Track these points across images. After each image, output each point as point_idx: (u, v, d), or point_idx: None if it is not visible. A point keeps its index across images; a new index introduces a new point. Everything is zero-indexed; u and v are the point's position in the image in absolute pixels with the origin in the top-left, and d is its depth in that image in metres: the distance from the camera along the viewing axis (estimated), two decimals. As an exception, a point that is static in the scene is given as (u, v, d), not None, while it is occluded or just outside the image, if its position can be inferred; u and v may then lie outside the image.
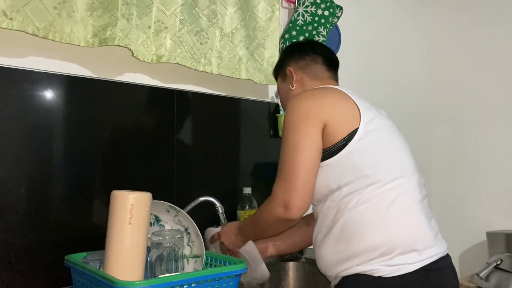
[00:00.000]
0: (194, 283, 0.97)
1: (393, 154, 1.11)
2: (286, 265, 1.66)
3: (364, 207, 1.03)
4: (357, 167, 1.05)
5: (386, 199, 1.04)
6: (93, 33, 1.28)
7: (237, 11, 1.62)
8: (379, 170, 1.06)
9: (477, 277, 1.79)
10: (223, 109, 1.69)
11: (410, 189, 1.08)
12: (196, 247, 1.17)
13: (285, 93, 1.33)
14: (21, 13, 1.14)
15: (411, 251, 1.02)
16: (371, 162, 1.06)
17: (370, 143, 1.07)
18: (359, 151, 1.06)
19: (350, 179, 1.05)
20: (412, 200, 1.07)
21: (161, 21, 1.42)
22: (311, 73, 1.29)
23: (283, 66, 1.33)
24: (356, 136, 1.06)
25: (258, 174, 1.76)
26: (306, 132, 1.07)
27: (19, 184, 1.20)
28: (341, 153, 1.06)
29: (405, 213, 1.05)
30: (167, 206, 1.15)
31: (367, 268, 1.02)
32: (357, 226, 1.03)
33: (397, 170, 1.08)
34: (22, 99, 1.21)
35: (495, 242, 2.04)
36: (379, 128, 1.11)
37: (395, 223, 1.03)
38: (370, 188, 1.04)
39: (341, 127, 1.07)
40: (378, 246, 1.01)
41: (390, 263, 1.01)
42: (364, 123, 1.08)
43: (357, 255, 1.03)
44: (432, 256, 1.04)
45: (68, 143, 1.29)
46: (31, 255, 1.21)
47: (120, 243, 0.97)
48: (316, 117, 1.08)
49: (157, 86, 1.50)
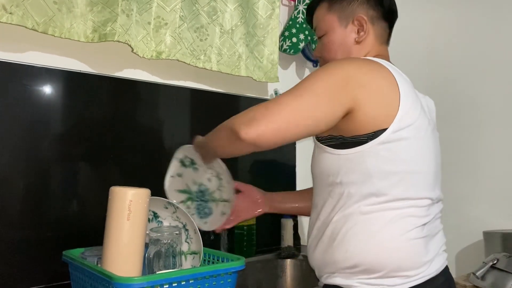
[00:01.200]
0: (191, 280, 0.97)
1: (413, 170, 0.96)
2: (283, 262, 1.67)
3: (359, 218, 0.94)
4: (367, 172, 0.93)
5: (385, 217, 0.94)
6: (92, 29, 1.27)
7: (237, 8, 1.62)
8: (388, 184, 0.93)
9: (473, 276, 1.79)
10: (222, 106, 1.69)
11: (415, 212, 0.96)
12: (194, 244, 1.17)
13: (340, 43, 1.09)
14: (21, 8, 1.14)
15: (394, 276, 0.94)
16: (383, 172, 0.93)
17: (393, 152, 0.93)
18: (377, 155, 0.92)
19: (355, 180, 0.94)
20: (413, 223, 0.95)
21: (161, 17, 1.42)
22: (378, 31, 1.09)
23: (349, 6, 1.08)
24: (380, 138, 0.91)
25: (256, 171, 1.76)
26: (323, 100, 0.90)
27: (17, 179, 1.20)
28: (358, 148, 0.93)
29: (399, 237, 0.94)
30: (165, 203, 1.15)
31: (346, 283, 0.96)
32: (347, 234, 0.95)
33: (409, 189, 0.95)
34: (20, 94, 1.21)
35: (492, 242, 2.04)
36: (411, 138, 0.94)
37: (385, 246, 0.94)
38: (371, 200, 0.94)
39: (371, 120, 0.91)
40: (360, 263, 0.94)
41: (369, 282, 0.94)
42: (395, 127, 0.92)
43: (337, 263, 0.97)
44: (417, 279, 0.95)
45: (67, 138, 1.29)
46: (28, 250, 1.21)
47: (118, 239, 0.97)
48: (349, 95, 0.90)
49: (156, 82, 1.50)
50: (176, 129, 1.54)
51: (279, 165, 1.85)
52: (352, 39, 1.08)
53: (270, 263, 1.64)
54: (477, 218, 2.34)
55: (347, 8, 1.09)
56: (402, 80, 0.96)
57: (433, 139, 1.03)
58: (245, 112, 0.95)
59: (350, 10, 1.08)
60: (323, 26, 1.11)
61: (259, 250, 1.69)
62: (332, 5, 1.10)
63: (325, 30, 1.11)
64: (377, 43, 1.10)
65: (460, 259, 2.31)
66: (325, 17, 1.11)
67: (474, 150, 2.45)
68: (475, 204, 2.40)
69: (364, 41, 1.08)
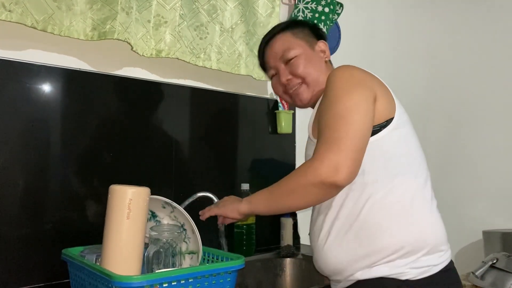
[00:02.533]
0: (191, 279, 0.97)
1: (418, 150, 1.08)
2: (283, 262, 1.67)
3: (390, 201, 0.97)
4: (387, 156, 1.00)
5: (410, 194, 0.99)
6: (92, 27, 1.27)
7: (237, 7, 1.62)
8: (407, 164, 1.02)
9: (472, 275, 1.79)
10: (222, 105, 1.68)
11: (428, 187, 1.05)
12: (192, 244, 1.17)
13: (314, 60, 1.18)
14: (20, 5, 1.14)
15: (437, 251, 0.99)
16: (401, 154, 1.02)
17: (403, 135, 1.04)
18: (392, 140, 1.02)
19: (377, 167, 0.99)
20: (430, 198, 1.04)
21: (161, 16, 1.42)
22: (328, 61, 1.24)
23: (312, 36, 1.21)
24: (391, 124, 1.02)
25: (256, 170, 1.75)
26: (362, 95, 0.98)
27: (16, 177, 1.20)
28: (375, 137, 0.99)
29: (430, 211, 1.02)
30: (163, 202, 1.15)
31: (393, 271, 0.95)
32: (384, 220, 0.96)
33: (421, 168, 1.05)
34: (20, 92, 1.21)
35: (491, 241, 2.05)
36: (408, 122, 1.08)
37: (424, 222, 0.99)
38: (396, 181, 0.99)
39: (383, 110, 1.02)
40: (406, 243, 0.95)
41: (416, 265, 0.96)
42: (398, 114, 1.04)
43: (380, 251, 0.95)
44: (449, 256, 1.04)
45: (66, 137, 1.29)
46: (28, 248, 1.20)
47: (118, 237, 0.97)
48: (371, 87, 1.01)
49: (156, 80, 1.50)
50: (175, 127, 1.53)
51: (278, 164, 1.85)
52: (322, 58, 1.21)
53: (269, 262, 1.64)
54: (476, 218, 2.34)
55: (308, 36, 1.21)
56: None
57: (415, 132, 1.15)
58: (317, 162, 0.92)
59: (311, 38, 1.21)
60: (292, 48, 1.17)
61: (258, 249, 1.69)
62: (295, 33, 1.20)
63: (296, 52, 1.17)
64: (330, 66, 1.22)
65: (460, 259, 2.31)
66: (294, 42, 1.19)
67: (473, 150, 2.45)
68: (475, 203, 2.40)
69: (327, 63, 1.22)
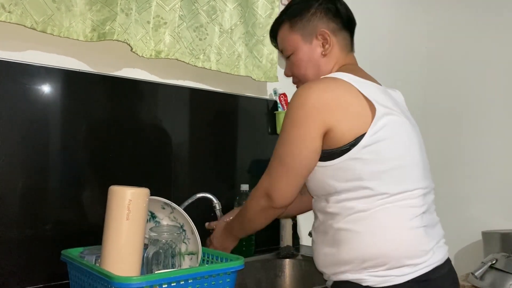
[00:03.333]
0: (190, 279, 0.97)
1: (400, 165, 1.02)
2: (282, 262, 1.67)
3: (359, 217, 0.99)
4: (358, 176, 0.99)
5: (384, 212, 0.99)
6: (92, 28, 1.27)
7: (236, 8, 1.62)
8: (380, 182, 0.99)
9: (472, 276, 1.79)
10: (221, 106, 1.69)
11: (411, 203, 1.01)
12: (191, 244, 1.17)
13: (308, 58, 1.14)
14: (20, 6, 1.14)
15: (401, 266, 0.98)
16: (373, 173, 0.99)
17: (376, 152, 0.99)
18: (363, 159, 0.98)
19: (349, 187, 1.00)
20: (412, 213, 1.00)
21: (160, 17, 1.42)
22: (341, 41, 1.14)
23: (310, 23, 1.13)
24: (361, 142, 0.98)
25: (255, 171, 1.75)
26: (305, 134, 1.00)
27: (16, 178, 1.20)
28: (343, 157, 0.99)
29: (400, 227, 0.99)
30: (162, 203, 1.15)
31: (356, 277, 1.00)
32: (350, 234, 1.00)
33: (400, 183, 1.01)
34: (19, 93, 1.21)
35: (491, 242, 2.05)
36: (390, 137, 1.01)
37: (387, 238, 0.99)
38: (368, 200, 0.99)
39: (348, 131, 0.99)
40: (368, 258, 0.98)
41: (378, 274, 0.98)
42: (372, 130, 0.98)
43: (347, 263, 1.01)
44: (424, 268, 0.99)
45: (65, 138, 1.29)
46: (27, 249, 1.20)
47: (117, 238, 0.97)
48: (321, 120, 0.99)
49: (155, 81, 1.50)
50: (175, 128, 1.53)
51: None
52: (318, 54, 1.13)
53: (269, 263, 1.64)
54: (476, 218, 2.34)
55: (308, 25, 1.13)
56: (367, 86, 1.04)
57: (413, 132, 1.09)
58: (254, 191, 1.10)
59: (311, 27, 1.13)
60: (288, 46, 1.16)
61: (258, 249, 1.68)
62: (293, 24, 1.14)
63: (291, 50, 1.16)
64: (343, 53, 1.15)
65: (459, 259, 2.31)
66: (289, 37, 1.15)
67: (472, 151, 2.45)
68: (474, 204, 2.40)
69: (330, 53, 1.13)
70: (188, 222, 1.13)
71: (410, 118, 1.14)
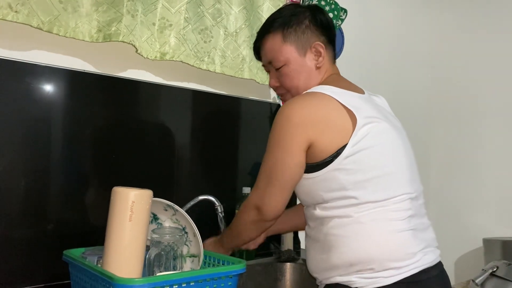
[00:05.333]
0: (192, 282, 0.97)
1: (384, 172, 1.04)
2: (283, 266, 1.66)
3: (345, 222, 1.03)
4: (342, 186, 1.02)
5: (370, 217, 1.01)
6: (97, 28, 1.27)
7: (241, 11, 1.62)
8: (364, 191, 1.01)
9: (472, 283, 1.79)
10: (225, 108, 1.69)
11: (397, 207, 1.03)
12: (193, 247, 1.17)
13: (301, 70, 1.14)
14: (27, 6, 1.14)
15: (387, 268, 1.00)
16: (356, 182, 1.01)
17: (359, 162, 1.02)
18: (345, 169, 1.01)
19: (335, 197, 1.04)
20: (397, 218, 1.02)
21: (166, 19, 1.42)
22: (330, 53, 1.17)
23: (304, 35, 1.13)
24: (343, 153, 1.01)
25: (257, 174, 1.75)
26: (289, 150, 1.04)
27: (18, 178, 1.20)
28: (326, 169, 1.03)
29: (385, 231, 1.01)
30: (165, 205, 1.15)
31: (345, 279, 1.03)
32: (338, 240, 1.04)
33: (385, 190, 1.03)
34: (23, 92, 1.21)
35: (492, 249, 2.05)
36: (371, 146, 1.03)
37: (374, 241, 1.01)
38: (354, 208, 1.02)
39: (330, 144, 1.02)
40: (354, 262, 1.01)
41: (366, 276, 1.01)
42: (354, 141, 1.01)
43: (336, 268, 1.04)
44: (410, 270, 1.01)
45: (69, 138, 1.29)
46: (29, 249, 1.20)
47: (120, 239, 0.97)
48: (303, 136, 1.03)
49: (159, 83, 1.50)
50: (178, 130, 1.54)
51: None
52: (312, 66, 1.15)
53: (270, 267, 1.64)
54: (477, 226, 2.34)
55: (302, 37, 1.14)
56: (348, 97, 1.06)
57: (399, 138, 1.10)
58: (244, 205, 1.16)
59: (305, 39, 1.14)
60: (281, 57, 1.15)
61: (259, 253, 1.68)
62: (287, 36, 1.14)
63: (284, 61, 1.15)
64: (330, 64, 1.18)
65: (460, 266, 2.31)
66: (282, 49, 1.14)
67: (474, 158, 2.45)
68: (475, 211, 2.40)
69: (322, 66, 1.16)
70: (190, 225, 1.13)
71: (395, 123, 1.15)
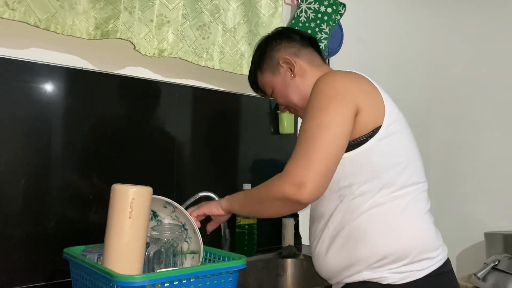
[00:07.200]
0: (193, 278, 0.97)
1: (411, 160, 1.04)
2: (284, 262, 1.66)
3: (376, 211, 0.98)
4: (375, 168, 0.98)
5: (399, 205, 0.99)
6: (95, 26, 1.27)
7: (240, 7, 1.62)
8: (396, 174, 0.99)
9: (474, 277, 1.79)
10: (224, 105, 1.68)
11: (421, 197, 1.03)
12: (193, 243, 1.17)
13: (285, 85, 1.17)
14: (23, 4, 1.14)
15: (421, 260, 0.98)
16: (388, 165, 0.99)
17: (392, 145, 1.00)
18: (380, 150, 0.98)
19: (365, 179, 0.99)
20: (423, 207, 1.03)
21: (164, 15, 1.42)
22: (307, 57, 1.18)
23: (272, 59, 1.18)
24: (378, 134, 0.98)
25: (257, 170, 1.75)
26: (338, 112, 0.95)
27: (18, 176, 1.20)
28: (360, 148, 0.98)
29: (417, 221, 1.01)
30: (164, 202, 1.14)
31: (375, 276, 0.97)
32: (368, 230, 0.98)
33: (412, 177, 1.02)
34: (21, 91, 1.21)
35: (493, 243, 2.04)
36: (400, 131, 1.03)
37: (407, 231, 0.99)
38: (383, 192, 0.98)
39: (369, 120, 0.98)
40: (388, 253, 0.97)
41: (399, 270, 0.97)
42: (387, 122, 1.00)
43: (364, 260, 0.98)
44: (439, 261, 1.02)
45: (68, 136, 1.29)
46: (29, 247, 1.20)
47: (120, 237, 0.97)
48: (352, 100, 0.97)
49: (158, 80, 1.49)
50: (177, 127, 1.53)
51: (280, 164, 1.85)
52: (289, 77, 1.17)
53: (271, 262, 1.64)
54: (478, 219, 2.34)
55: (271, 61, 1.19)
56: (375, 83, 1.07)
57: (409, 128, 1.12)
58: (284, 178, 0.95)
59: (273, 60, 1.19)
60: (267, 86, 1.22)
61: (260, 249, 1.68)
62: (262, 68, 1.21)
63: (270, 88, 1.21)
64: (314, 67, 1.17)
65: (461, 260, 2.30)
66: (264, 80, 1.22)
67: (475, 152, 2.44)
68: (477, 205, 2.40)
69: (300, 72, 1.16)
70: (190, 221, 1.13)
71: None
